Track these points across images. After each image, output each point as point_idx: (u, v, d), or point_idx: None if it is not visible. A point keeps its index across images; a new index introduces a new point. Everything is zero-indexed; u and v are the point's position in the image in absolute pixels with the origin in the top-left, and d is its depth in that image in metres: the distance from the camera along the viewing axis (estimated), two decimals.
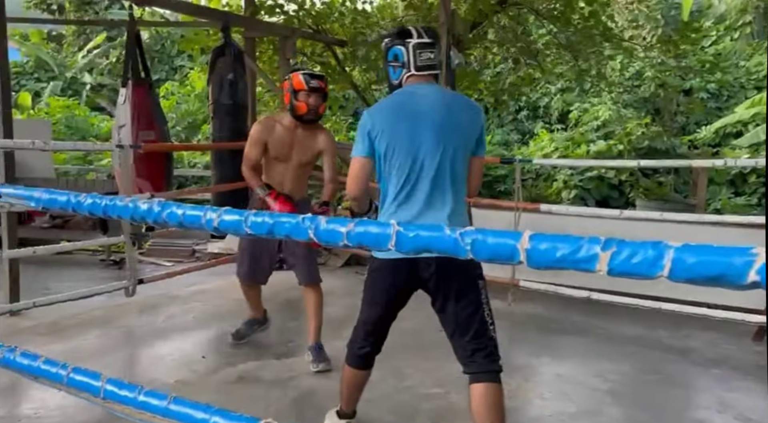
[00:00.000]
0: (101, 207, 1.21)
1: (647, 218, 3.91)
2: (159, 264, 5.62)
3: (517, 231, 0.82)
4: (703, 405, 2.76)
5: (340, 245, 0.99)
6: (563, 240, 0.78)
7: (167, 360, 3.18)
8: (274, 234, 1.05)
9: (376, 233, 0.95)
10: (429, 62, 2.09)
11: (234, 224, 1.08)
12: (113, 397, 1.24)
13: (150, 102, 4.41)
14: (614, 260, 0.73)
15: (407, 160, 2.04)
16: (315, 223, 1.01)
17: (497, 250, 0.84)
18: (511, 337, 3.76)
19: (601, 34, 5.86)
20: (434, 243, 0.90)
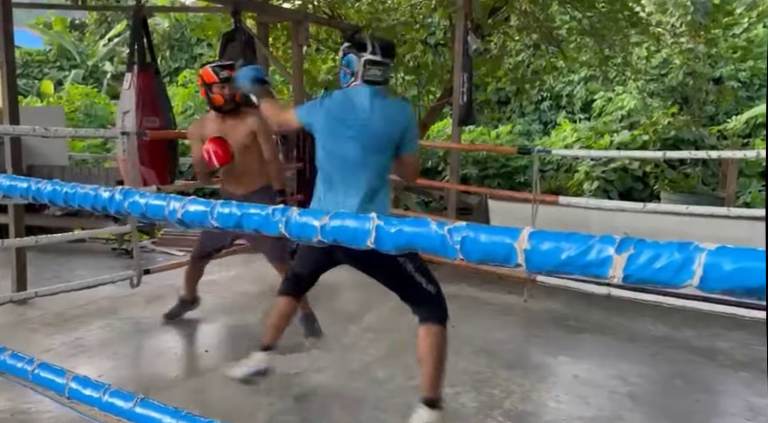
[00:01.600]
0: (61, 195, 1.10)
1: (672, 212, 3.70)
2: (171, 254, 5.57)
3: (515, 227, 0.68)
4: (730, 411, 2.58)
5: (314, 241, 0.86)
6: (569, 239, 0.64)
7: (170, 354, 3.10)
8: (242, 227, 0.93)
9: (354, 228, 0.82)
10: (375, 78, 2.33)
11: (199, 216, 0.96)
12: (78, 397, 1.14)
13: (155, 88, 4.31)
14: (631, 264, 0.59)
15: (335, 153, 2.32)
16: (286, 215, 0.88)
17: (491, 250, 0.70)
18: (527, 335, 3.61)
19: (626, 19, 5.61)
20: (417, 240, 0.77)
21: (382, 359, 3.12)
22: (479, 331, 3.58)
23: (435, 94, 6.66)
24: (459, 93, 4.98)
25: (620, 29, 5.77)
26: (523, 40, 6.88)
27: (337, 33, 6.81)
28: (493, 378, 2.90)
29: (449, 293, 4.42)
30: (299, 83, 5.42)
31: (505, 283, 4.54)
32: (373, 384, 2.81)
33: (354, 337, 3.44)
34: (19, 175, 1.26)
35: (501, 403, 2.64)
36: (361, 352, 3.22)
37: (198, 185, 4.69)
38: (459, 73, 4.95)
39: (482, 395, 2.71)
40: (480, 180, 8.45)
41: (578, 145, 8.75)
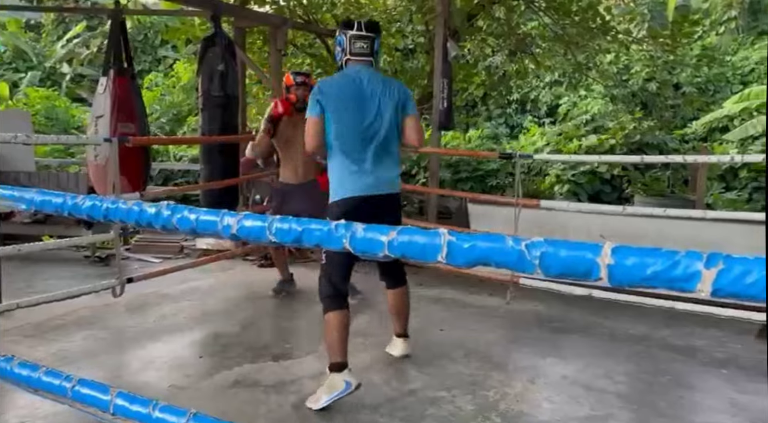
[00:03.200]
0: (101, 210, 1.08)
1: (651, 215, 3.84)
2: (146, 260, 5.45)
3: (595, 243, 0.72)
4: (715, 408, 2.69)
5: (380, 256, 0.88)
6: (653, 254, 0.68)
7: (159, 363, 3.04)
8: (302, 242, 0.94)
9: (423, 243, 0.84)
10: (361, 50, 2.63)
11: (255, 231, 0.96)
12: (124, 413, 1.12)
13: (131, 93, 4.22)
14: (722, 279, 0.63)
15: (357, 127, 2.59)
16: (351, 230, 0.89)
17: (572, 264, 0.73)
18: (513, 337, 3.68)
19: (598, 27, 5.78)
20: (493, 255, 0.79)
21: (374, 364, 3.13)
22: (468, 334, 3.64)
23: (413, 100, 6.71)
24: (439, 98, 5.04)
25: (593, 36, 5.95)
26: (494, 46, 7.00)
27: (313, 37, 6.80)
28: (487, 380, 2.95)
29: (433, 296, 4.51)
30: (279, 87, 5.38)
31: (486, 286, 4.61)
32: (370, 389, 2.82)
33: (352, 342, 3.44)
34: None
35: (497, 404, 2.69)
36: (354, 357, 3.20)
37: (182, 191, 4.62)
38: (439, 79, 5.01)
39: (478, 397, 2.75)
40: (453, 183, 8.55)
41: (548, 149, 8.95)
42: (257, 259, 5.47)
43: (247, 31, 6.06)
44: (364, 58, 2.64)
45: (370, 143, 2.61)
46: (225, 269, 5.19)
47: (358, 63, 2.65)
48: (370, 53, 2.64)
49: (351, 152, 2.61)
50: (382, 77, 2.72)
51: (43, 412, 2.42)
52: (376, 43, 2.66)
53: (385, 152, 2.65)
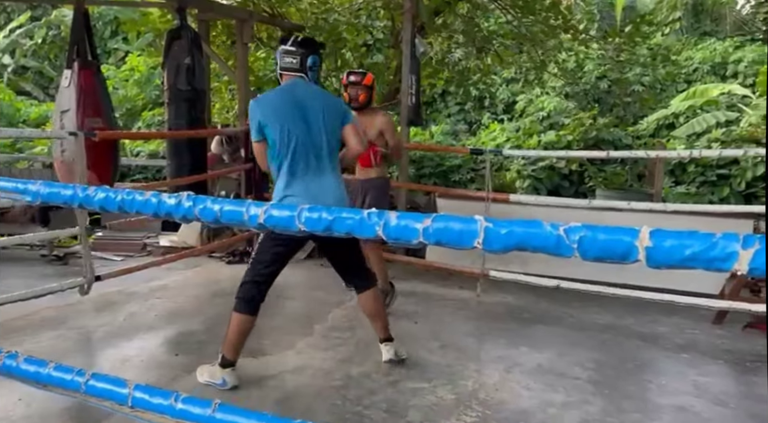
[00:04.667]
0: (116, 202, 1.06)
1: (616, 208, 3.99)
2: (107, 259, 5.28)
3: (634, 227, 0.76)
4: (680, 390, 2.83)
5: (414, 243, 0.90)
6: (692, 236, 0.72)
7: (135, 362, 2.96)
8: (332, 231, 0.95)
9: (459, 230, 0.86)
10: (291, 65, 2.73)
11: (284, 221, 0.96)
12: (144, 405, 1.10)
13: (97, 86, 4.08)
14: (758, 259, 0.68)
15: (300, 139, 2.64)
16: (384, 218, 0.91)
17: (610, 247, 0.77)
18: (486, 328, 3.77)
19: (559, 26, 5.94)
20: (532, 239, 0.82)
21: (353, 358, 3.15)
22: (441, 327, 3.69)
23: (379, 95, 6.73)
24: (407, 94, 5.08)
25: (555, 35, 6.11)
26: (462, 43, 7.08)
27: (277, 31, 6.72)
28: (465, 370, 3.02)
29: (405, 290, 4.55)
30: (244, 81, 5.30)
31: (456, 279, 4.68)
32: (351, 382, 2.84)
33: (322, 337, 3.45)
34: None
35: (476, 393, 2.75)
36: (332, 351, 3.24)
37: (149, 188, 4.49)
38: (407, 75, 5.05)
39: (457, 387, 2.81)
40: (417, 179, 8.61)
41: (508, 144, 9.13)
42: (224, 256, 5.39)
43: (210, 24, 5.94)
44: (294, 73, 2.74)
45: (310, 154, 2.65)
46: (192, 267, 5.09)
47: (291, 77, 2.75)
48: (299, 68, 2.73)
49: (292, 164, 2.64)
50: (319, 91, 2.81)
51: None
52: (309, 59, 2.73)
53: (327, 163, 2.69)
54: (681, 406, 2.67)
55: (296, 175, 2.65)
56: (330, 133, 2.70)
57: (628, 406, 2.67)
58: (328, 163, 2.71)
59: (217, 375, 2.70)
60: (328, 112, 2.71)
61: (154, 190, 4.06)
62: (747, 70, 12.72)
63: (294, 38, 2.79)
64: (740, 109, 10.23)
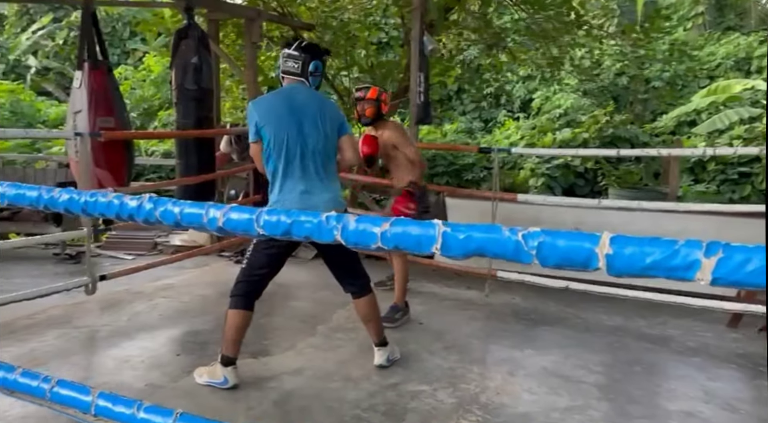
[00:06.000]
0: (79, 204, 1.04)
1: (625, 208, 3.90)
2: (118, 258, 5.33)
3: (594, 233, 0.71)
4: (689, 395, 2.75)
5: (372, 248, 0.86)
6: (653, 243, 0.67)
7: (135, 361, 2.97)
8: (292, 235, 0.92)
9: (418, 235, 0.83)
10: (292, 69, 2.72)
11: (243, 224, 0.93)
12: (107, 414, 1.08)
13: (109, 86, 4.11)
14: (722, 268, 0.63)
15: (293, 142, 2.62)
16: (342, 222, 0.87)
17: (570, 254, 0.72)
18: (492, 329, 3.71)
19: (572, 22, 5.84)
20: (490, 245, 0.78)
21: (355, 359, 3.11)
22: (447, 327, 3.65)
23: (388, 94, 6.69)
24: (416, 92, 5.02)
25: (568, 31, 6.00)
26: (466, 41, 7.01)
27: (287, 30, 6.72)
28: (467, 373, 2.97)
29: (410, 290, 4.51)
30: (253, 80, 5.31)
31: (464, 279, 4.63)
32: (350, 384, 2.81)
33: (324, 338, 3.43)
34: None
35: (477, 397, 2.70)
36: (334, 352, 3.21)
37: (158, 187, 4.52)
38: (416, 73, 5.00)
39: (458, 390, 2.76)
40: (429, 178, 8.56)
41: (522, 142, 9.02)
42: (233, 255, 5.40)
43: (220, 23, 5.95)
44: (294, 77, 2.73)
45: (305, 159, 2.65)
46: (200, 265, 5.12)
47: (292, 81, 2.74)
48: (300, 73, 2.71)
49: (286, 168, 2.65)
50: (318, 96, 2.77)
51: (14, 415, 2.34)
52: (311, 64, 2.72)
53: (321, 169, 2.68)
54: (689, 411, 2.59)
55: (289, 179, 2.65)
56: (325, 138, 2.69)
57: (634, 410, 2.60)
58: (322, 168, 2.69)
59: (217, 374, 2.70)
60: (325, 117, 2.70)
61: (160, 189, 4.10)
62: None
63: (298, 43, 2.79)
64: (764, 106, 9.96)
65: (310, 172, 2.66)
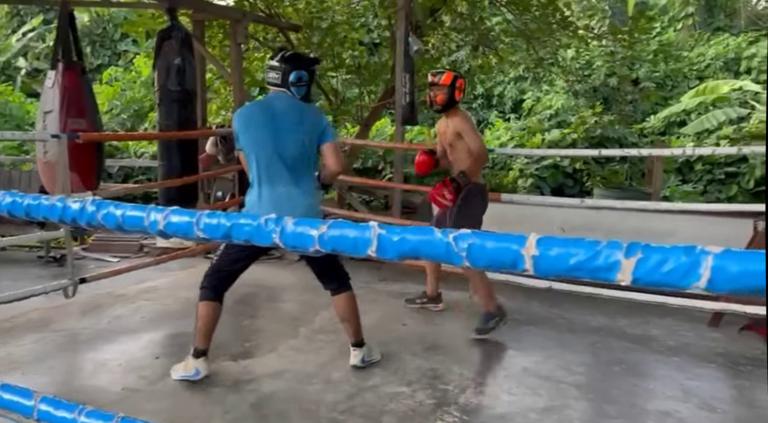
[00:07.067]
0: (23, 207, 1.03)
1: (608, 207, 3.90)
2: (103, 260, 5.30)
3: (522, 234, 0.71)
4: (667, 395, 2.75)
5: (311, 251, 0.86)
6: (577, 244, 0.67)
7: (113, 365, 2.95)
8: (231, 237, 0.91)
9: (354, 237, 0.82)
10: (273, 80, 2.75)
11: (183, 227, 0.93)
12: (48, 419, 1.07)
13: (82, 87, 4.08)
14: (640, 269, 0.62)
15: (270, 151, 2.66)
16: (280, 224, 0.86)
17: (498, 256, 0.72)
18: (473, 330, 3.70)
19: (558, 23, 5.85)
20: (423, 247, 0.78)
21: (335, 361, 3.10)
22: (429, 328, 3.64)
23: (376, 94, 6.68)
24: (401, 93, 5.03)
25: (552, 31, 6.01)
26: (457, 41, 7.02)
27: (275, 31, 6.71)
28: (447, 374, 2.96)
29: (395, 291, 4.50)
30: (239, 82, 5.29)
31: (449, 280, 4.62)
32: (329, 386, 2.80)
33: (306, 340, 3.42)
34: None
35: (456, 398, 2.70)
36: (315, 354, 3.20)
37: (137, 189, 4.47)
38: (401, 74, 5.00)
39: (437, 391, 2.76)
40: (419, 179, 8.56)
41: (512, 143, 9.04)
42: None
43: (206, 24, 5.94)
44: (276, 88, 2.75)
45: (282, 167, 2.68)
46: (185, 267, 5.09)
47: (275, 91, 2.76)
48: (281, 84, 2.72)
49: (263, 176, 2.69)
50: (300, 106, 2.76)
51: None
52: (292, 74, 2.71)
53: (299, 177, 2.71)
54: (666, 411, 2.60)
55: (265, 185, 2.70)
56: (302, 146, 2.70)
57: (611, 410, 2.60)
58: (300, 176, 2.71)
59: (189, 367, 2.76)
60: (304, 126, 2.71)
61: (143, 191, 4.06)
62: (760, 65, 12.45)
63: (281, 54, 2.79)
64: (752, 106, 10.02)
65: (287, 179, 2.69)
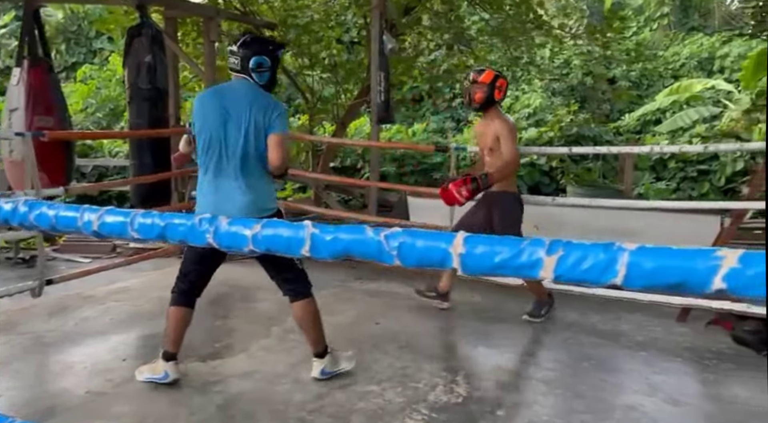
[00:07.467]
0: None
1: (578, 205, 3.94)
2: (75, 261, 5.22)
3: (451, 232, 0.70)
4: (633, 389, 2.79)
5: (245, 250, 0.84)
6: (502, 242, 0.67)
7: (79, 368, 2.90)
8: (166, 238, 0.89)
9: (288, 237, 0.81)
10: (233, 66, 2.65)
11: (117, 227, 0.91)
12: None
13: (49, 85, 4.00)
14: (561, 265, 0.62)
15: (214, 139, 2.55)
16: (214, 224, 0.85)
17: (427, 255, 0.71)
18: (448, 328, 3.72)
19: (531, 22, 5.89)
20: (354, 246, 0.77)
21: (306, 361, 3.07)
22: (402, 327, 3.64)
23: (352, 93, 6.66)
24: (376, 92, 5.02)
25: (526, 31, 6.05)
26: (436, 39, 7.03)
27: (251, 29, 6.65)
28: (418, 372, 2.96)
29: (370, 290, 4.50)
30: (212, 80, 5.23)
31: (425, 278, 4.63)
32: (299, 386, 2.78)
33: (277, 339, 3.39)
34: None
35: (426, 396, 2.70)
36: (286, 353, 3.18)
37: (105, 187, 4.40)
38: (376, 72, 4.99)
39: (407, 390, 2.76)
40: (398, 177, 8.57)
41: None
42: None
43: (179, 21, 5.86)
44: (237, 73, 2.64)
45: (224, 160, 2.56)
46: (159, 267, 5.02)
47: (236, 77, 2.66)
48: (240, 70, 2.62)
49: (206, 168, 2.59)
50: (254, 93, 2.61)
51: None
52: (251, 60, 2.59)
53: (241, 171, 2.56)
54: (631, 405, 2.63)
55: (206, 178, 2.60)
56: (246, 138, 2.54)
57: (578, 405, 2.63)
58: (242, 170, 2.55)
59: (158, 369, 2.72)
60: (251, 115, 2.54)
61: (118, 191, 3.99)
62: (733, 64, 12.68)
63: (242, 40, 2.65)
64: (725, 105, 10.20)
65: (228, 173, 2.55)
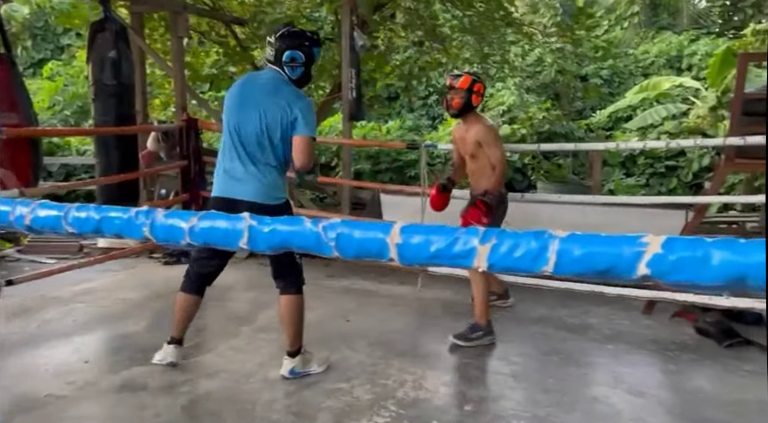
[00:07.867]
0: None
1: (546, 200, 3.97)
2: (39, 262, 5.08)
3: (389, 222, 0.69)
4: (598, 381, 2.82)
5: (182, 244, 0.82)
6: (438, 231, 0.66)
7: (40, 371, 2.83)
8: (102, 232, 0.86)
9: (225, 229, 0.79)
10: (268, 56, 2.71)
11: (51, 221, 0.87)
12: None
13: (12, 80, 3.88)
14: (494, 254, 0.62)
15: (232, 124, 2.66)
16: (150, 217, 0.82)
17: (365, 246, 0.70)
18: (419, 324, 3.72)
19: (501, 19, 5.92)
20: (293, 238, 0.75)
21: (274, 359, 3.05)
22: (374, 324, 3.63)
23: (325, 90, 6.62)
24: (348, 88, 4.99)
25: (497, 28, 6.08)
26: (408, 36, 7.03)
27: (221, 25, 6.56)
28: (387, 369, 2.96)
29: (342, 287, 4.47)
30: (181, 76, 5.15)
31: (397, 275, 4.63)
32: (267, 385, 2.75)
33: (247, 338, 3.36)
34: None
35: (394, 392, 2.69)
36: (254, 352, 3.15)
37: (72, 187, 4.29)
38: (347, 69, 4.96)
39: (376, 386, 2.75)
40: (373, 175, 8.56)
41: None
42: (163, 256, 5.24)
43: (147, 17, 5.75)
44: (270, 65, 2.71)
45: (240, 146, 2.66)
46: (127, 267, 4.94)
47: (268, 68, 2.73)
48: (274, 61, 2.68)
49: (225, 152, 2.70)
50: (279, 87, 2.66)
51: None
52: (285, 53, 2.64)
53: (254, 158, 2.65)
54: (596, 397, 2.66)
55: (222, 162, 2.70)
56: (262, 129, 2.62)
57: (544, 399, 2.65)
58: (255, 158, 2.64)
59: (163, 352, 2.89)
60: (276, 107, 2.61)
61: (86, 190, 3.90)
62: (700, 62, 12.95)
63: (280, 32, 2.69)
64: (692, 102, 10.41)
65: (242, 159, 2.65)
